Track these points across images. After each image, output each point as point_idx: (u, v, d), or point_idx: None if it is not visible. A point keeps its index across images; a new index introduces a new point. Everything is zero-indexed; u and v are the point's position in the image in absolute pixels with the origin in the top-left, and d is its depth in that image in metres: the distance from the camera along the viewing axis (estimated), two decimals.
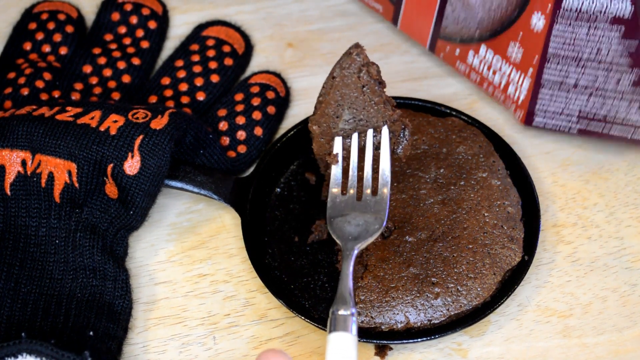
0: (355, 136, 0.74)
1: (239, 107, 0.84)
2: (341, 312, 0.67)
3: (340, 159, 0.75)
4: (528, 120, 0.83)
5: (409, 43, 0.91)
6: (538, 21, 0.78)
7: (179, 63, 0.87)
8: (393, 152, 0.75)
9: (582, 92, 0.80)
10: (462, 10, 0.83)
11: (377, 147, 0.74)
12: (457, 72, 0.87)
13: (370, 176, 0.73)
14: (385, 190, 0.73)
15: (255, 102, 0.84)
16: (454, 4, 0.83)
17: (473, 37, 0.83)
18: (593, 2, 0.75)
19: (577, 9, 0.76)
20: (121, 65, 0.87)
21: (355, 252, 0.70)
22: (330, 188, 0.74)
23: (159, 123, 0.77)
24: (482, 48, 0.83)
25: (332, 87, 0.73)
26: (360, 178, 0.74)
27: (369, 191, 0.73)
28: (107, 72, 0.87)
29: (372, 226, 0.72)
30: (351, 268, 0.69)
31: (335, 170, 0.74)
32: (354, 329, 0.66)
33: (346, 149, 0.75)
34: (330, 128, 0.75)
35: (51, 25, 0.88)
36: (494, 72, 0.83)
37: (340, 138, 0.75)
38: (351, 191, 0.73)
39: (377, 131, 0.74)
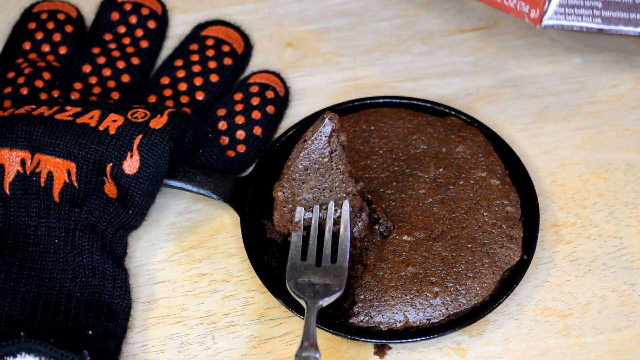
0: (316, 208, 0.75)
1: (238, 107, 0.84)
2: (305, 354, 0.68)
3: (301, 226, 0.75)
4: (545, 17, 0.79)
5: (409, 43, 0.91)
6: None
7: (179, 63, 0.87)
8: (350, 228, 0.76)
9: None
10: None
11: (336, 222, 0.75)
12: None
13: (330, 248, 0.74)
14: (343, 260, 0.73)
15: (255, 101, 0.85)
16: None
17: None
18: None
19: None
20: (120, 64, 0.87)
21: (318, 306, 0.71)
22: (290, 252, 0.74)
23: (158, 122, 0.77)
24: None
25: (302, 150, 0.74)
26: (320, 247, 0.75)
27: (328, 259, 0.74)
28: (107, 72, 0.87)
29: (332, 288, 0.72)
30: (314, 320, 0.70)
31: (296, 238, 0.74)
32: None
33: (307, 221, 0.75)
34: (294, 195, 0.75)
35: (50, 25, 0.88)
36: None
37: (302, 208, 0.75)
38: (310, 258, 0.74)
39: (338, 205, 0.75)
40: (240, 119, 0.84)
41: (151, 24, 0.90)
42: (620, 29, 0.79)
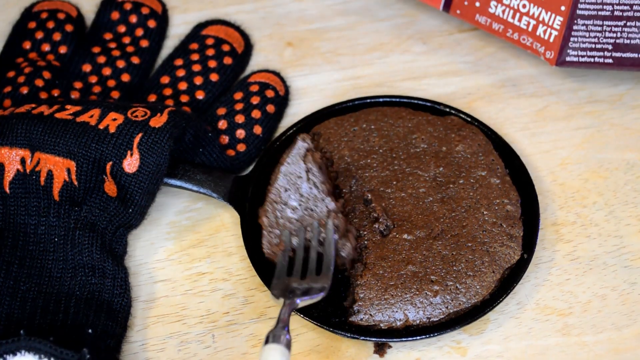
0: (301, 231, 0.75)
1: (239, 106, 0.84)
2: (275, 332, 0.68)
3: (287, 246, 0.75)
4: (560, 59, 0.82)
5: (409, 42, 0.91)
6: None
7: (179, 62, 0.87)
8: (337, 251, 0.75)
9: (618, 21, 0.79)
10: None
11: (322, 243, 0.75)
12: (475, 25, 0.86)
13: (315, 264, 0.73)
14: (328, 270, 0.73)
15: (255, 100, 0.85)
16: None
17: None
18: None
19: None
20: (120, 64, 0.87)
21: (296, 304, 0.70)
22: (277, 269, 0.74)
23: (158, 121, 0.77)
24: None
25: (280, 172, 0.76)
26: (305, 263, 0.74)
27: (313, 272, 0.74)
28: (107, 71, 0.87)
29: (314, 291, 0.71)
30: (288, 315, 0.70)
31: (282, 257, 0.74)
32: (286, 343, 0.68)
33: (292, 247, 0.75)
34: (278, 218, 0.76)
35: (51, 24, 0.88)
36: (520, 17, 0.82)
37: (288, 232, 0.75)
38: (296, 273, 0.74)
39: (322, 224, 0.75)
40: (240, 118, 0.84)
41: (151, 24, 0.90)
42: (631, 69, 0.82)
